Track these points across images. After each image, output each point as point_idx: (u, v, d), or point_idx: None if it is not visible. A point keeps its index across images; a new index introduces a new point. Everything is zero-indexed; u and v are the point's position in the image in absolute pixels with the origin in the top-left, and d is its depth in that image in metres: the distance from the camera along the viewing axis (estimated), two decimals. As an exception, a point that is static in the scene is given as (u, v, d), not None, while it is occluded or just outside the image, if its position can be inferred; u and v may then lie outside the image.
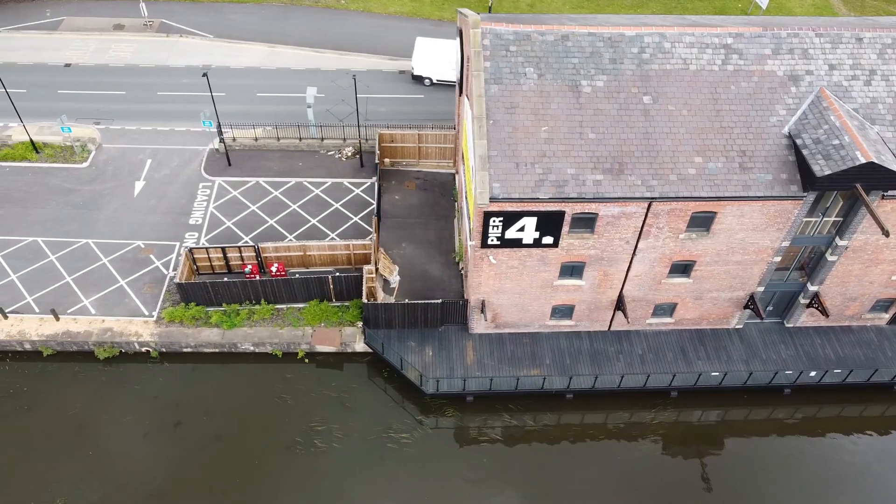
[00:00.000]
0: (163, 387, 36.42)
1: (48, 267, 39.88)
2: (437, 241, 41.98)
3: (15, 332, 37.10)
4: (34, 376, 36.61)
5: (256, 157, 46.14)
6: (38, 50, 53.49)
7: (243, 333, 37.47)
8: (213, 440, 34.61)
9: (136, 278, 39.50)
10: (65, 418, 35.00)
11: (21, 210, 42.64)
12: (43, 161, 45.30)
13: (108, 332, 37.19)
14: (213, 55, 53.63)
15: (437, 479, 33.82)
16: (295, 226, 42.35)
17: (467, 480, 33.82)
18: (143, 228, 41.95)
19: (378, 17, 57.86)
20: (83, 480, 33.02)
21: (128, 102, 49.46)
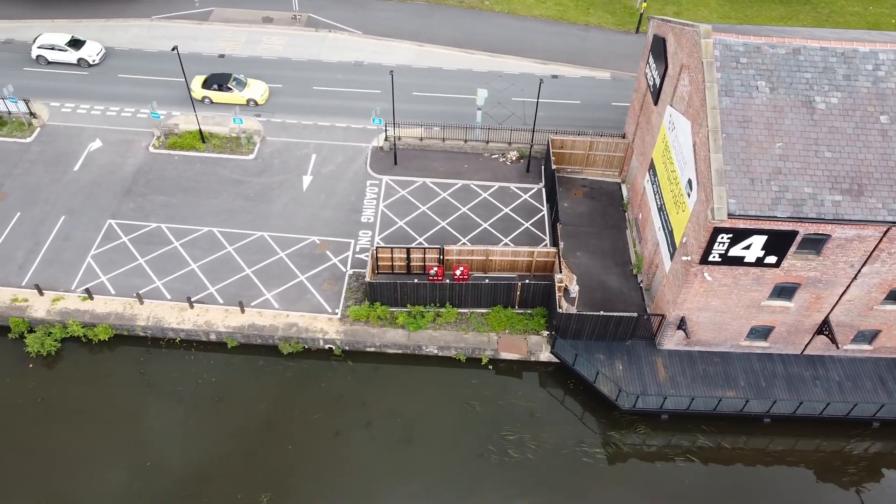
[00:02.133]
0: (348, 386, 36.17)
1: (227, 258, 39.98)
2: (611, 252, 41.18)
3: (202, 322, 37.24)
4: (220, 367, 36.69)
5: (421, 156, 45.82)
6: (192, 39, 53.91)
7: (428, 336, 37.09)
8: (402, 443, 34.25)
9: (314, 274, 39.37)
10: (255, 413, 34.95)
11: (194, 199, 42.89)
12: (210, 151, 45.52)
13: (294, 328, 37.10)
14: (362, 52, 53.50)
15: (634, 497, 33.08)
16: (467, 229, 41.90)
17: (667, 500, 33.08)
18: (316, 224, 41.88)
19: (523, 19, 57.17)
20: (284, 476, 32.91)
21: (285, 96, 49.52)
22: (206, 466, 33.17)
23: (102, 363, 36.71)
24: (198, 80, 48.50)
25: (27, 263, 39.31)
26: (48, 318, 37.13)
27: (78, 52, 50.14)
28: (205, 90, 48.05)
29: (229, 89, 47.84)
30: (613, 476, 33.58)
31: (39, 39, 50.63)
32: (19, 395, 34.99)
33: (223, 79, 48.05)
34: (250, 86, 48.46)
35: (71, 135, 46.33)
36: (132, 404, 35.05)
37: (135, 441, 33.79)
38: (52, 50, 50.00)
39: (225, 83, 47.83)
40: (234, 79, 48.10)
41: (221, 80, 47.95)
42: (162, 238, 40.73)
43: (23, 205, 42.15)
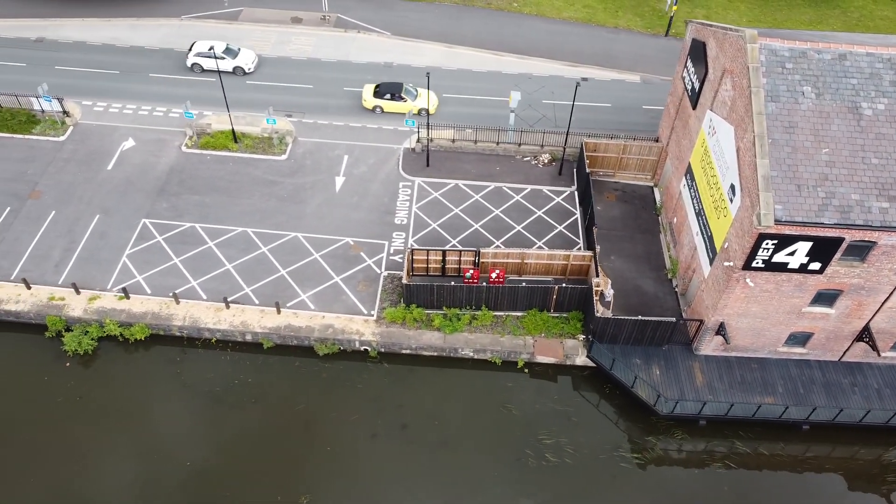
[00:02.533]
0: (385, 388, 36.18)
1: (261, 258, 40.04)
2: (645, 256, 41.04)
3: (238, 323, 37.30)
4: (256, 368, 36.74)
5: (453, 158, 45.77)
6: (223, 39, 53.83)
7: (464, 339, 37.05)
8: (439, 446, 34.21)
9: (349, 275, 39.38)
10: (293, 414, 34.99)
11: (227, 199, 42.95)
12: (242, 151, 45.59)
13: (330, 329, 37.12)
14: (392, 53, 53.50)
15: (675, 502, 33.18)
16: (500, 231, 41.84)
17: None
18: (350, 225, 41.90)
19: (552, 21, 57.07)
20: (323, 478, 32.89)
21: (315, 96, 49.55)
22: (245, 467, 33.21)
23: (139, 362, 36.82)
24: (368, 88, 48.23)
25: (63, 262, 39.46)
26: (85, 317, 37.26)
27: (235, 61, 49.97)
28: (377, 99, 47.69)
29: (402, 98, 47.51)
30: (651, 482, 33.46)
31: (196, 47, 50.25)
32: (58, 394, 35.12)
33: (395, 88, 47.68)
34: (420, 95, 48.16)
35: (104, 134, 46.50)
36: (169, 404, 35.15)
37: (173, 441, 33.88)
38: (209, 58, 49.67)
39: (398, 93, 47.49)
40: (405, 88, 47.77)
41: (394, 90, 47.55)
42: (196, 238, 40.83)
43: (57, 203, 42.33)
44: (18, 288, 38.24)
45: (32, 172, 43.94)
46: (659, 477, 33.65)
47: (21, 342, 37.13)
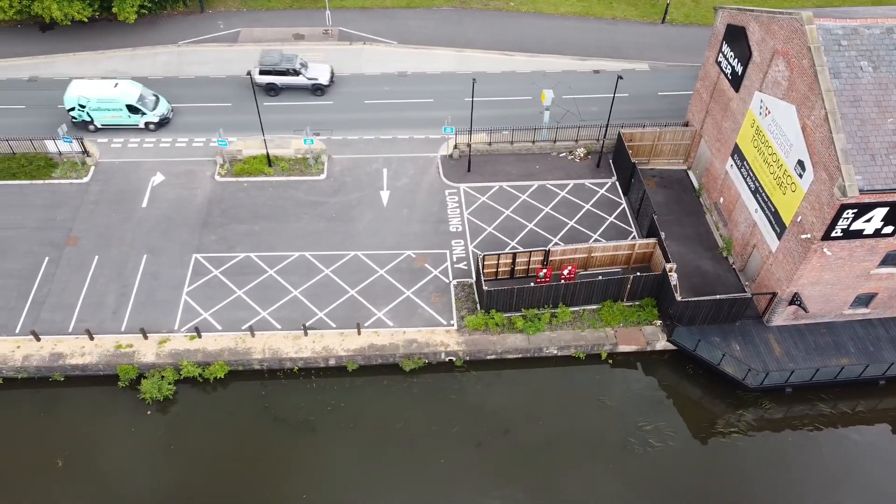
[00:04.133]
0: (477, 395, 36.18)
1: (326, 281, 39.34)
2: (696, 237, 42.29)
3: (320, 349, 36.57)
4: (345, 392, 36.16)
5: (491, 161, 45.98)
6: (227, 62, 52.54)
7: (548, 337, 37.40)
8: (544, 446, 34.49)
9: (419, 288, 39.14)
10: (394, 433, 34.63)
11: (275, 225, 41.96)
12: (279, 175, 44.62)
13: (414, 344, 36.85)
14: (404, 61, 53.24)
15: (784, 471, 34.01)
16: (554, 229, 42.32)
17: (819, 470, 34.14)
18: (406, 238, 41.60)
19: (550, 17, 57.90)
20: (445, 490, 32.70)
21: (337, 112, 48.86)
22: (365, 493, 32.75)
23: (222, 402, 35.70)
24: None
25: (121, 308, 37.83)
26: (158, 362, 35.87)
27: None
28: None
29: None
30: (753, 452, 34.61)
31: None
32: (150, 444, 33.78)
33: None
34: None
35: (128, 171, 44.71)
36: (266, 440, 34.24)
37: (282, 476, 33.06)
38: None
39: None
40: None
41: None
42: (254, 267, 39.81)
43: (98, 248, 40.49)
44: (80, 340, 36.48)
45: (63, 218, 41.90)
46: (759, 447, 34.83)
47: (94, 395, 35.49)
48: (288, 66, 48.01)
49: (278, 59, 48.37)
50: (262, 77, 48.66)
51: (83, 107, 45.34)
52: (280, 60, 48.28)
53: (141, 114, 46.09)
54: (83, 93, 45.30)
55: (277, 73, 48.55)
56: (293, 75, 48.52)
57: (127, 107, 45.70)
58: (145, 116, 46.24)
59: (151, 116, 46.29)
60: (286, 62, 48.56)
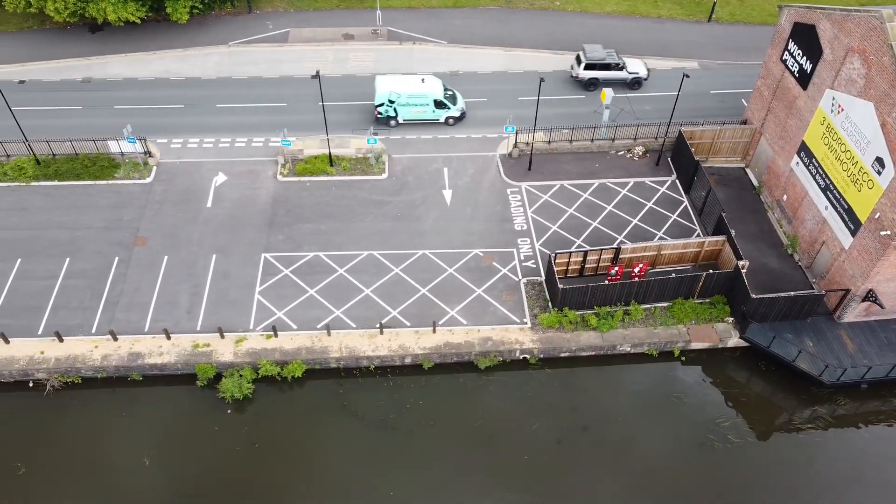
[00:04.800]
0: (554, 393, 36.33)
1: (397, 280, 39.46)
2: (758, 234, 42.45)
3: (396, 347, 36.73)
4: (422, 390, 36.27)
5: (550, 160, 46.14)
6: (278, 63, 52.77)
7: (621, 335, 37.55)
8: (626, 443, 34.61)
9: (490, 286, 39.28)
10: (474, 431, 34.73)
11: (341, 224, 42.09)
12: (341, 174, 44.77)
13: (489, 342, 36.99)
14: (453, 61, 53.41)
15: (866, 466, 34.12)
16: (619, 227, 42.46)
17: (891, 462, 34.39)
18: (473, 237, 41.74)
19: (596, 16, 58.09)
20: (532, 487, 32.77)
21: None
22: (451, 490, 32.84)
23: (301, 400, 35.85)
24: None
25: (195, 307, 37.94)
26: (237, 361, 35.97)
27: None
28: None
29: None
30: (832, 447, 34.79)
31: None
32: (234, 443, 33.86)
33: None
34: None
35: (190, 171, 44.85)
36: (348, 439, 34.36)
37: (369, 475, 33.14)
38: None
39: None
40: None
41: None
42: (324, 266, 39.95)
43: (167, 248, 40.61)
44: (157, 339, 36.61)
45: (129, 218, 42.03)
46: (837, 442, 35.02)
47: (173, 395, 35.61)
48: (613, 61, 47.15)
49: (604, 53, 47.46)
50: (586, 72, 48.56)
51: (392, 102, 45.95)
52: (605, 55, 47.49)
53: (446, 108, 46.80)
54: (394, 88, 45.94)
55: (602, 68, 48.32)
56: (617, 70, 48.28)
57: (434, 102, 46.46)
58: (449, 111, 46.96)
59: (454, 111, 47.06)
60: (610, 56, 48.20)
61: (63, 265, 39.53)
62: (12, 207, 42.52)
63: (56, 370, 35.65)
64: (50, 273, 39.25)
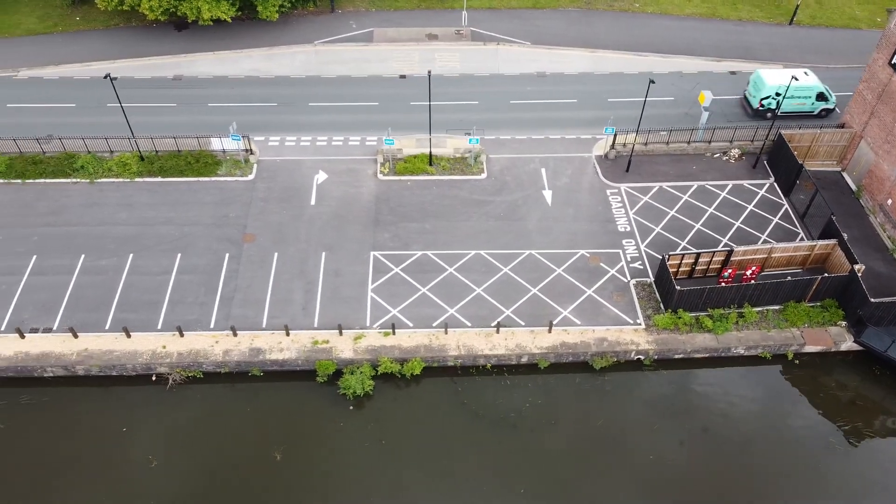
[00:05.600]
0: (670, 393, 36.41)
1: (507, 279, 39.62)
2: (862, 239, 42.32)
3: (513, 346, 36.91)
4: (539, 389, 36.38)
5: (647, 161, 46.25)
6: (365, 62, 53.12)
7: (735, 337, 37.59)
8: (746, 444, 34.56)
9: (599, 287, 39.47)
10: (596, 430, 34.83)
11: (446, 223, 42.33)
12: (440, 174, 45.00)
13: (605, 343, 37.15)
14: (538, 62, 53.59)
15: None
16: (721, 229, 42.46)
17: None
18: (577, 237, 41.91)
19: (677, 18, 58.13)
20: (664, 487, 32.98)
21: (485, 112, 49.16)
22: (578, 488, 32.97)
23: (422, 397, 36.10)
24: None
25: (309, 304, 38.25)
26: (356, 358, 36.30)
27: None
28: None
29: None
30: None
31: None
32: (361, 439, 34.15)
33: None
34: None
35: (290, 169, 45.20)
36: (470, 437, 34.53)
37: (495, 473, 33.32)
38: None
39: None
40: None
41: None
42: (433, 265, 40.20)
43: (276, 245, 40.96)
44: (276, 335, 36.95)
45: (235, 215, 42.41)
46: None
47: (294, 390, 35.95)
48: None
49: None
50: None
51: (778, 94, 46.83)
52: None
53: (825, 101, 47.68)
54: (779, 82, 46.81)
55: None
56: None
57: (816, 94, 47.48)
58: (826, 104, 47.80)
59: (830, 104, 47.89)
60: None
61: (175, 261, 40.03)
62: (119, 203, 43.11)
63: (178, 365, 36.07)
64: (163, 268, 39.78)
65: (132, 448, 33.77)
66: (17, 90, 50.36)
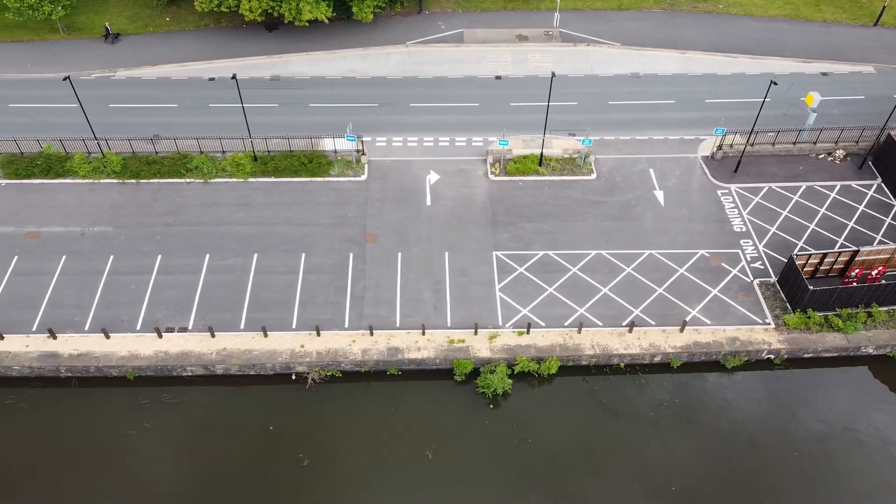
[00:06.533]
0: (804, 392, 36.65)
1: (631, 279, 39.87)
2: (978, 239, 42.90)
3: (647, 345, 37.17)
4: (674, 388, 36.68)
5: (753, 162, 46.49)
6: (459, 63, 53.35)
7: (865, 337, 37.85)
8: (885, 444, 35.18)
9: (724, 286, 39.78)
10: (733, 429, 35.06)
11: (563, 223, 42.60)
12: (551, 174, 45.29)
13: (737, 342, 37.43)
14: (630, 63, 53.83)
15: None
16: (836, 229, 42.66)
17: None
18: (694, 237, 42.17)
19: (761, 20, 58.33)
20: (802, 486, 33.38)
21: (584, 112, 49.34)
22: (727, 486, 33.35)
23: (558, 396, 36.42)
24: None
25: (440, 304, 38.49)
26: (493, 357, 36.62)
27: None
28: None
29: None
30: None
31: None
32: (508, 437, 34.45)
33: None
34: None
35: (402, 169, 45.49)
36: (614, 434, 34.91)
37: (649, 469, 33.69)
38: None
39: None
40: None
41: None
42: (556, 265, 40.48)
43: (398, 245, 41.23)
44: (412, 335, 37.27)
45: (353, 215, 42.71)
46: None
47: (433, 389, 36.27)
48: None
49: None
50: None
51: None
52: None
53: None
54: None
55: None
56: None
57: None
58: None
59: None
60: None
61: (300, 260, 40.33)
62: (236, 202, 43.40)
63: (317, 364, 36.38)
64: (289, 268, 40.07)
65: (282, 447, 34.11)
66: (116, 90, 50.63)
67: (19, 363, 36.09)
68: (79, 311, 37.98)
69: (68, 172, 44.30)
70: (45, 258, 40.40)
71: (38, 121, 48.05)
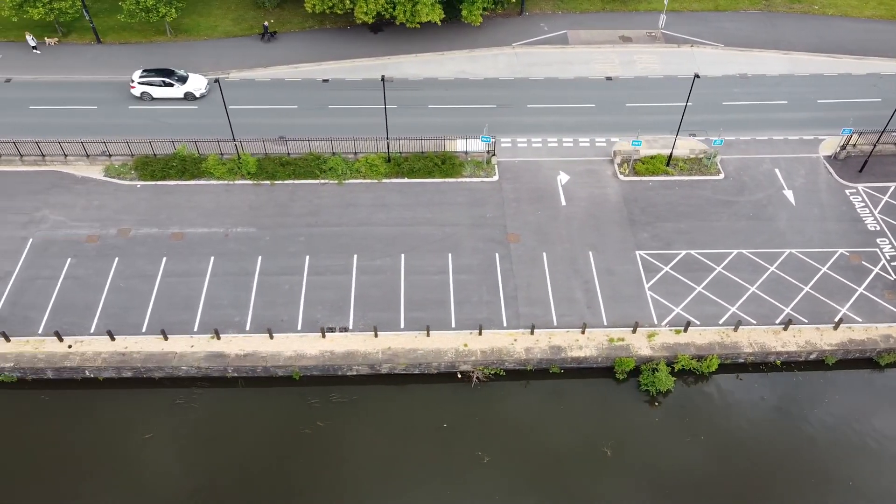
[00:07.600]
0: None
1: (776, 278, 40.36)
2: None
3: (802, 343, 37.41)
4: (830, 385, 37.18)
5: (876, 161, 46.86)
6: (567, 64, 53.76)
7: None
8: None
9: (868, 284, 40.33)
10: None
11: (700, 223, 42.96)
12: (679, 174, 45.75)
13: (892, 339, 37.95)
14: (736, 63, 54.30)
15: None
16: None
17: None
18: (831, 236, 42.66)
19: (858, 21, 58.85)
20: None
21: (699, 113, 49.49)
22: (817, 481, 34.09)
23: (719, 393, 36.81)
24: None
25: (592, 303, 38.79)
26: (654, 355, 37.09)
27: None
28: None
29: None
30: None
31: None
32: (680, 435, 34.95)
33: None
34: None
35: (532, 170, 45.88)
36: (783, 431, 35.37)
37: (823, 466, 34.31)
38: None
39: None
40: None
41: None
42: (700, 264, 40.91)
43: (541, 245, 41.62)
44: (572, 333, 37.66)
45: (492, 216, 43.09)
46: None
47: (596, 387, 36.84)
48: None
49: None
50: None
51: None
52: None
53: None
54: None
55: None
56: None
57: None
58: None
59: None
60: None
61: (447, 260, 40.72)
62: (373, 203, 43.76)
63: (482, 362, 36.80)
64: (438, 268, 40.45)
65: (458, 444, 34.56)
66: (232, 91, 50.46)
67: (187, 363, 36.51)
68: (237, 312, 38.36)
69: (203, 174, 44.76)
70: (194, 259, 40.74)
71: (161, 122, 48.50)
